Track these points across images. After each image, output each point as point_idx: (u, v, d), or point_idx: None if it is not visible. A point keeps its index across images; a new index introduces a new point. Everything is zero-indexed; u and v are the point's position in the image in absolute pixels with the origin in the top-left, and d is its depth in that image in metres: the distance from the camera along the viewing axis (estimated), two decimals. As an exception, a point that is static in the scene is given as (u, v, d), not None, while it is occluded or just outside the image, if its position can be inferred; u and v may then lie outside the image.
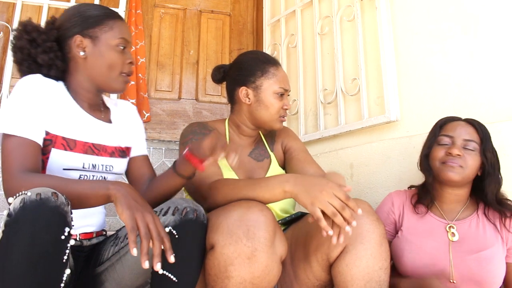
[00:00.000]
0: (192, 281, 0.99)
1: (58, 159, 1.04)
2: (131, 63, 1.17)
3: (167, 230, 0.93)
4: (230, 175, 1.31)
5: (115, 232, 1.16)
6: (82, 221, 1.09)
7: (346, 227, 0.98)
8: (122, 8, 2.43)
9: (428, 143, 1.35)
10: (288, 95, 1.43)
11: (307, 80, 2.27)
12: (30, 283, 0.76)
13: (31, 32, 1.09)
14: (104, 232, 1.22)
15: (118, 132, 1.21)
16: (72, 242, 0.85)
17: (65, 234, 0.81)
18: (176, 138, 2.76)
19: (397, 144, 1.73)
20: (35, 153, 1.00)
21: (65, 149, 1.05)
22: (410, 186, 1.44)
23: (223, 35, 3.07)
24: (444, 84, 1.65)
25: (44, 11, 2.28)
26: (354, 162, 1.89)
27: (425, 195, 1.34)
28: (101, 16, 1.13)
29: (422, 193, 1.35)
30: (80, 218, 0.98)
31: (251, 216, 0.99)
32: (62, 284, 0.81)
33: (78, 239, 1.12)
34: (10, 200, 0.84)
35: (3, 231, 0.78)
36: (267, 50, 2.55)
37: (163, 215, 0.98)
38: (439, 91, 1.66)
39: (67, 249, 0.82)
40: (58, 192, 0.83)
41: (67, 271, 0.82)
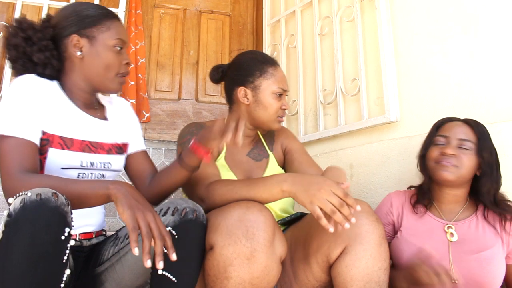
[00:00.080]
0: (192, 281, 0.99)
1: (56, 159, 1.04)
2: (127, 64, 1.16)
3: (166, 230, 0.93)
4: (228, 175, 1.31)
5: (115, 233, 1.16)
6: (82, 220, 1.09)
7: (345, 224, 0.98)
8: (122, 8, 2.43)
9: (425, 144, 1.35)
10: (287, 95, 1.43)
11: (307, 80, 2.27)
12: (30, 283, 0.76)
13: (27, 29, 1.07)
14: (104, 232, 1.22)
15: (114, 128, 1.21)
16: (72, 243, 0.85)
17: (65, 235, 0.81)
18: (176, 138, 2.74)
19: (396, 145, 1.73)
20: (33, 153, 0.99)
21: (62, 148, 1.05)
22: (410, 187, 1.44)
23: (223, 36, 3.07)
24: (444, 84, 1.65)
25: (44, 11, 2.28)
26: (354, 163, 1.89)
27: (423, 195, 1.34)
28: (98, 16, 1.12)
29: (420, 193, 1.35)
30: (79, 218, 0.98)
31: (250, 216, 0.99)
32: (62, 285, 0.81)
33: (78, 239, 1.12)
34: (10, 200, 0.84)
35: (3, 231, 0.78)
36: (267, 51, 2.55)
37: (163, 215, 0.98)
38: (439, 92, 1.66)
39: (67, 249, 0.82)
40: (58, 193, 0.83)
41: (67, 271, 0.82)
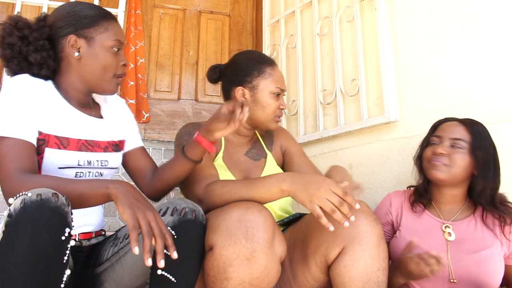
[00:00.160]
0: (191, 281, 0.99)
1: (53, 158, 1.04)
2: (124, 65, 1.16)
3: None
4: (226, 175, 1.31)
5: (114, 233, 1.16)
6: (80, 220, 1.09)
7: (345, 223, 0.98)
8: (121, 8, 2.43)
9: (422, 144, 1.36)
10: (284, 95, 1.43)
11: (307, 80, 2.27)
12: (30, 283, 0.76)
13: (23, 28, 1.06)
14: (103, 232, 1.22)
15: (110, 126, 1.21)
16: (72, 243, 0.85)
17: (65, 235, 0.81)
18: (176, 138, 2.76)
19: (396, 145, 1.73)
20: (31, 153, 0.99)
21: (58, 147, 1.05)
22: (409, 186, 1.44)
23: (222, 36, 3.07)
24: (444, 84, 1.65)
25: (44, 11, 2.28)
26: (354, 163, 1.89)
27: (421, 195, 1.34)
28: (96, 17, 1.11)
29: (418, 193, 1.35)
30: (78, 217, 0.98)
31: (250, 217, 0.99)
32: (62, 285, 0.81)
33: (77, 239, 1.12)
34: (11, 200, 0.84)
35: (4, 232, 0.78)
36: (266, 51, 2.56)
37: (162, 216, 0.98)
38: (438, 92, 1.66)
39: (67, 249, 0.82)
40: (58, 193, 0.83)
41: (67, 271, 0.82)
